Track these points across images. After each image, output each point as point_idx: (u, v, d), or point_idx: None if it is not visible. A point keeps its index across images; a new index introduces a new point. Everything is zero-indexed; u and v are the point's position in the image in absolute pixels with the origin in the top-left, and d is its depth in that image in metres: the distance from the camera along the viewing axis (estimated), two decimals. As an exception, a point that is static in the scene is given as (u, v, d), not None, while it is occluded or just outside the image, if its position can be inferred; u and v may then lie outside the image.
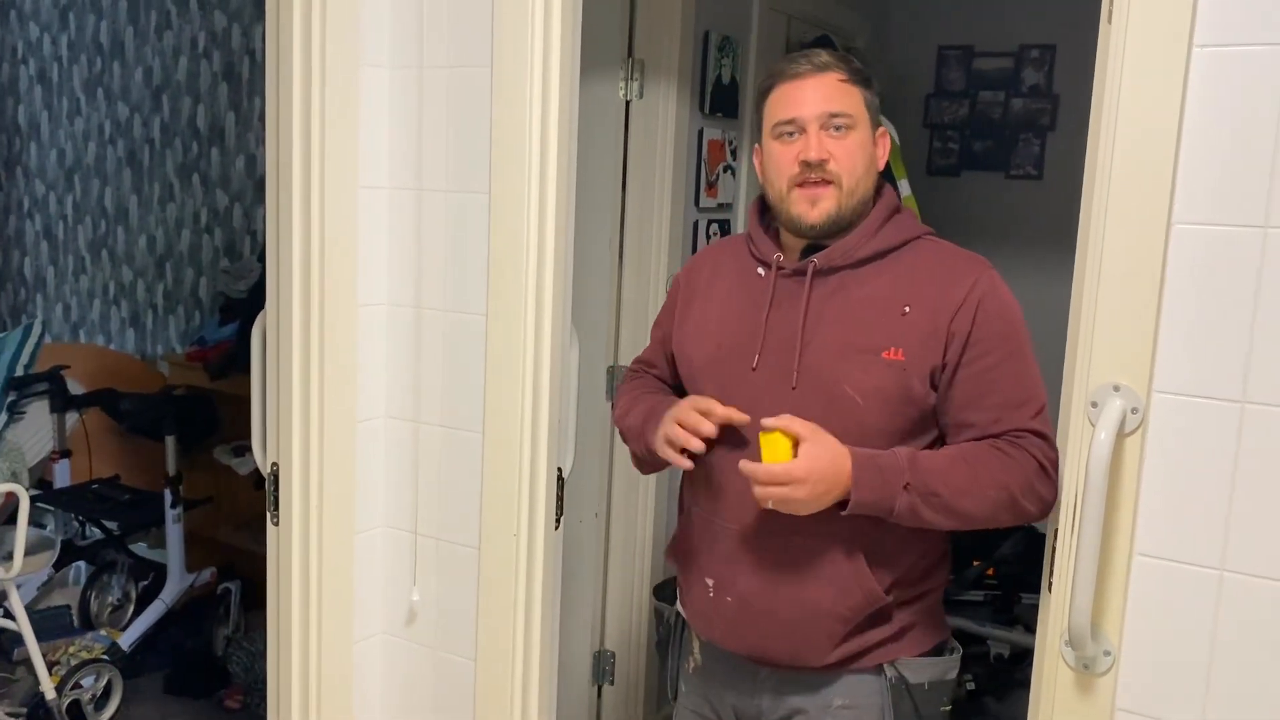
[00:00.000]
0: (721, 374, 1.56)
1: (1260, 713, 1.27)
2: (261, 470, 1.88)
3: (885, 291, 1.49)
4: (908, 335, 1.46)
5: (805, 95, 1.48)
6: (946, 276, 1.48)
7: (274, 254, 1.79)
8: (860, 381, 1.46)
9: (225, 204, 4.22)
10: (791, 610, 1.49)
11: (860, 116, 1.49)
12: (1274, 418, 1.23)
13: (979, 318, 1.45)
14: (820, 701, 1.53)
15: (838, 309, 1.50)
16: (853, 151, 1.48)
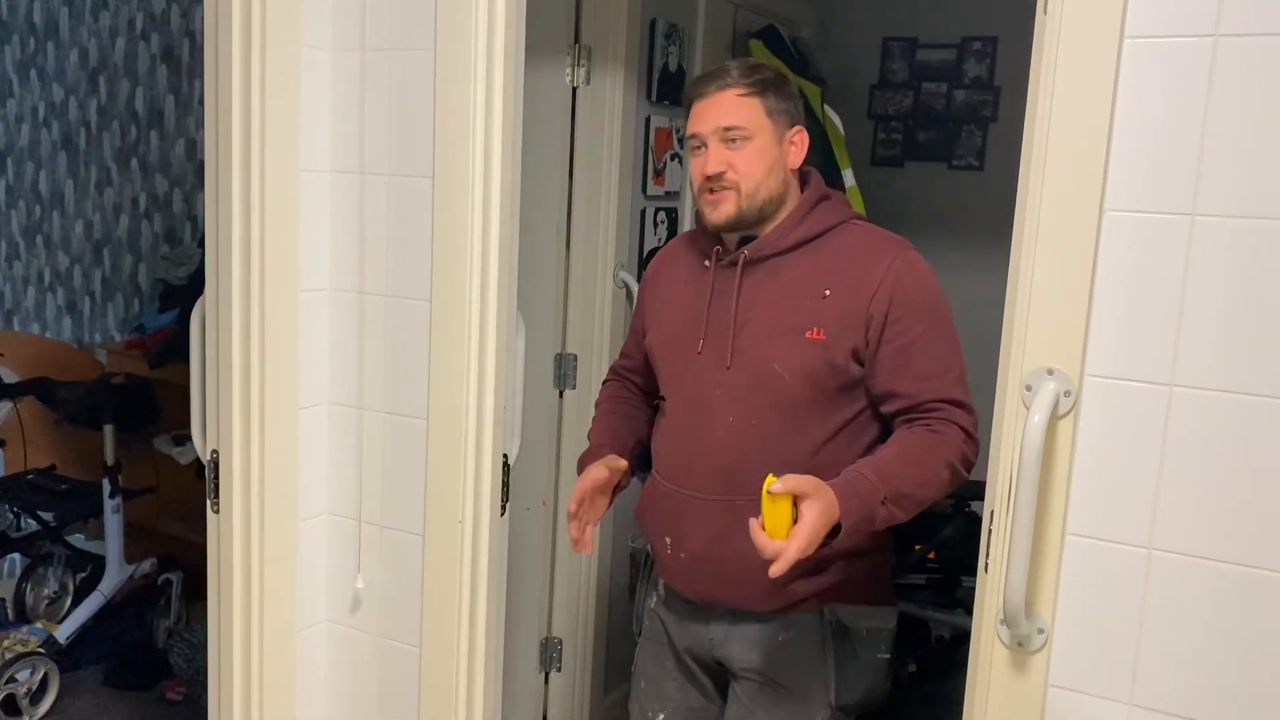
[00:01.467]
0: (672, 358, 1.76)
1: (1186, 686, 1.31)
2: (201, 458, 1.85)
3: (809, 275, 1.64)
4: (828, 316, 1.61)
5: (706, 113, 1.64)
6: (865, 259, 1.63)
7: (213, 238, 1.77)
8: (787, 360, 1.62)
9: (165, 189, 4.14)
10: (735, 564, 1.63)
11: (759, 125, 1.63)
12: (1200, 400, 1.27)
13: (896, 297, 1.59)
14: (765, 635, 1.70)
15: (767, 294, 1.66)
16: (751, 159, 1.62)
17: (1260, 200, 1.22)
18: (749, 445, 1.65)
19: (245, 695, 1.83)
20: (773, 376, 1.63)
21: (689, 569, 1.73)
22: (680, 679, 1.84)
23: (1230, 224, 1.24)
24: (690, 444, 1.70)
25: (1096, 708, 1.37)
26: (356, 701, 1.93)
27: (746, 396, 1.64)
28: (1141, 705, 1.34)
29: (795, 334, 1.62)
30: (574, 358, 2.80)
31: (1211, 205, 1.24)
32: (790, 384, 1.62)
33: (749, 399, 1.64)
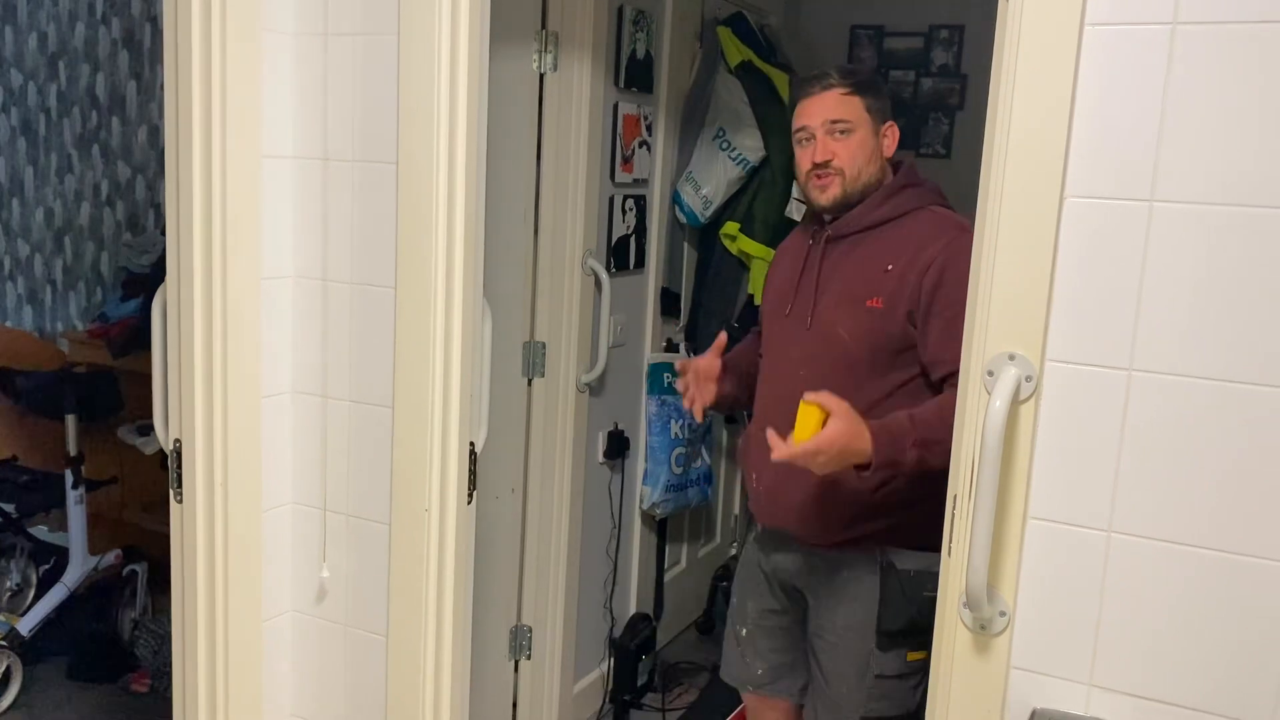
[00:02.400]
0: (770, 319, 2.06)
1: (1144, 667, 1.33)
2: (164, 447, 1.84)
3: (879, 252, 1.87)
4: (887, 288, 1.83)
5: (813, 108, 1.89)
6: (927, 239, 1.83)
7: (174, 225, 1.74)
8: (850, 326, 1.86)
9: (127, 176, 4.08)
10: (797, 495, 1.91)
11: (860, 120, 1.88)
12: (1159, 385, 1.28)
13: (947, 273, 1.77)
14: (830, 570, 1.95)
15: (843, 267, 1.91)
16: (853, 149, 1.88)
17: (1218, 187, 1.23)
18: None
19: (210, 686, 1.82)
20: (837, 339, 1.87)
21: (766, 500, 1.99)
22: (764, 595, 2.10)
23: (1187, 210, 1.25)
24: (773, 392, 1.99)
25: (1057, 689, 1.38)
26: (323, 691, 1.93)
27: (817, 355, 1.89)
28: (1100, 686, 1.36)
29: (858, 303, 1.86)
30: (542, 346, 2.79)
31: (1169, 192, 1.25)
32: (851, 346, 1.86)
33: (819, 357, 1.89)
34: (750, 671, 2.14)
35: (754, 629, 2.12)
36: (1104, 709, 1.36)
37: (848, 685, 1.94)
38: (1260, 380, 1.24)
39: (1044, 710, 1.39)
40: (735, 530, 3.93)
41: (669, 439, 3.17)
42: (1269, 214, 1.21)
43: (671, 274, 3.23)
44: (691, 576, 3.63)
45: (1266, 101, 1.20)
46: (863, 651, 1.91)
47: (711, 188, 3.07)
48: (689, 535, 3.60)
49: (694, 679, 3.23)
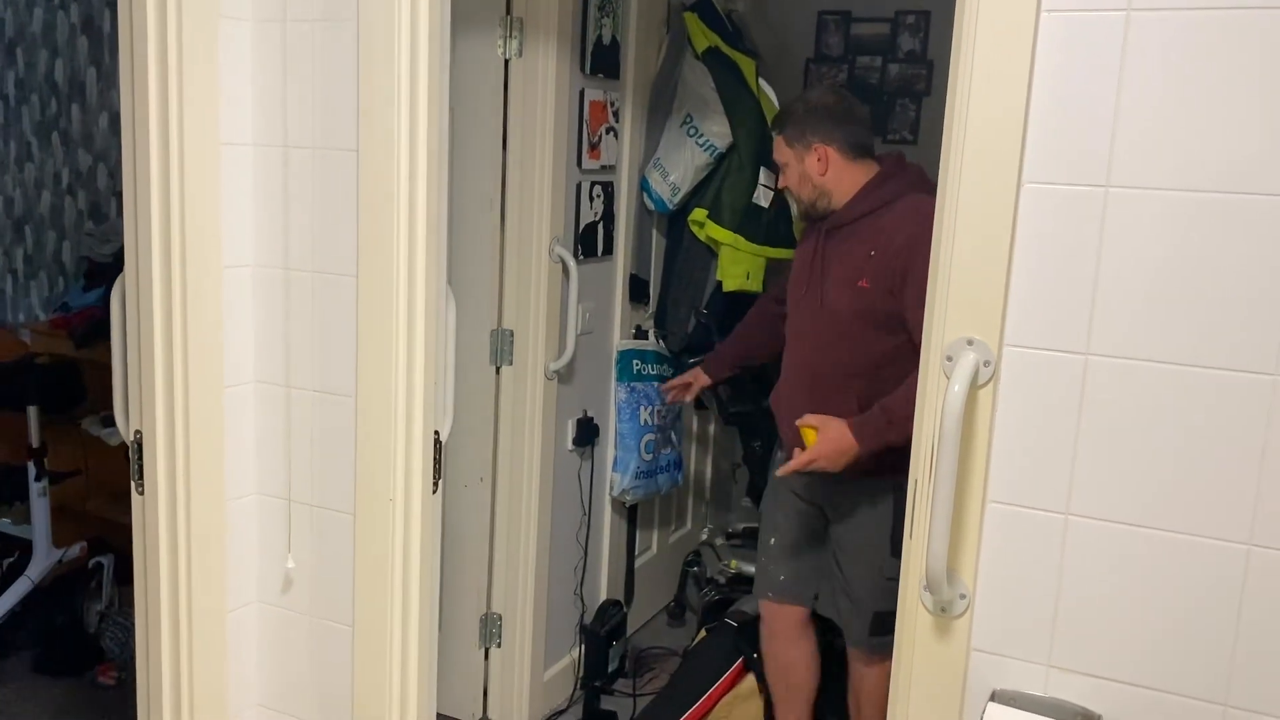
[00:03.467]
0: (791, 299, 2.43)
1: (1101, 647, 1.35)
2: (125, 438, 1.82)
3: (865, 240, 2.23)
4: (871, 270, 2.19)
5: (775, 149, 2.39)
6: (903, 223, 2.16)
7: (131, 214, 1.72)
8: (846, 303, 2.24)
9: (89, 164, 4.03)
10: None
11: (785, 153, 2.34)
12: (1115, 368, 1.30)
13: (914, 245, 2.02)
14: (851, 494, 2.32)
15: (839, 254, 2.28)
16: (792, 179, 2.34)
17: (1173, 173, 1.25)
18: (824, 360, 2.31)
19: (174, 678, 1.81)
20: (838, 314, 2.26)
21: (792, 436, 2.31)
22: (790, 511, 2.48)
23: (1143, 196, 1.26)
24: (793, 360, 2.42)
25: (1016, 670, 1.40)
26: (290, 682, 1.92)
27: (824, 328, 2.30)
28: (1058, 666, 1.38)
29: (852, 285, 2.23)
30: (510, 334, 2.79)
31: (1125, 178, 1.27)
32: (849, 320, 2.24)
33: (825, 329, 2.30)
34: (773, 580, 2.51)
35: (781, 538, 2.50)
36: (1062, 689, 1.38)
37: (865, 587, 2.32)
38: (1215, 364, 1.25)
39: (1004, 691, 1.41)
40: (706, 516, 3.94)
41: (638, 426, 3.17)
42: (1223, 199, 1.23)
43: (640, 261, 3.23)
44: (662, 562, 3.64)
45: (1221, 87, 1.22)
46: (878, 559, 2.28)
47: (679, 174, 3.07)
48: (659, 521, 3.61)
49: (665, 664, 3.24)
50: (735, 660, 2.84)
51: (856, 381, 2.24)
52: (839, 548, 2.38)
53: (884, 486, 2.27)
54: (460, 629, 2.93)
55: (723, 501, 4.06)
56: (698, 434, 3.76)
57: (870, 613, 2.32)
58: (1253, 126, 1.21)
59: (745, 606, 2.99)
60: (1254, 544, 1.26)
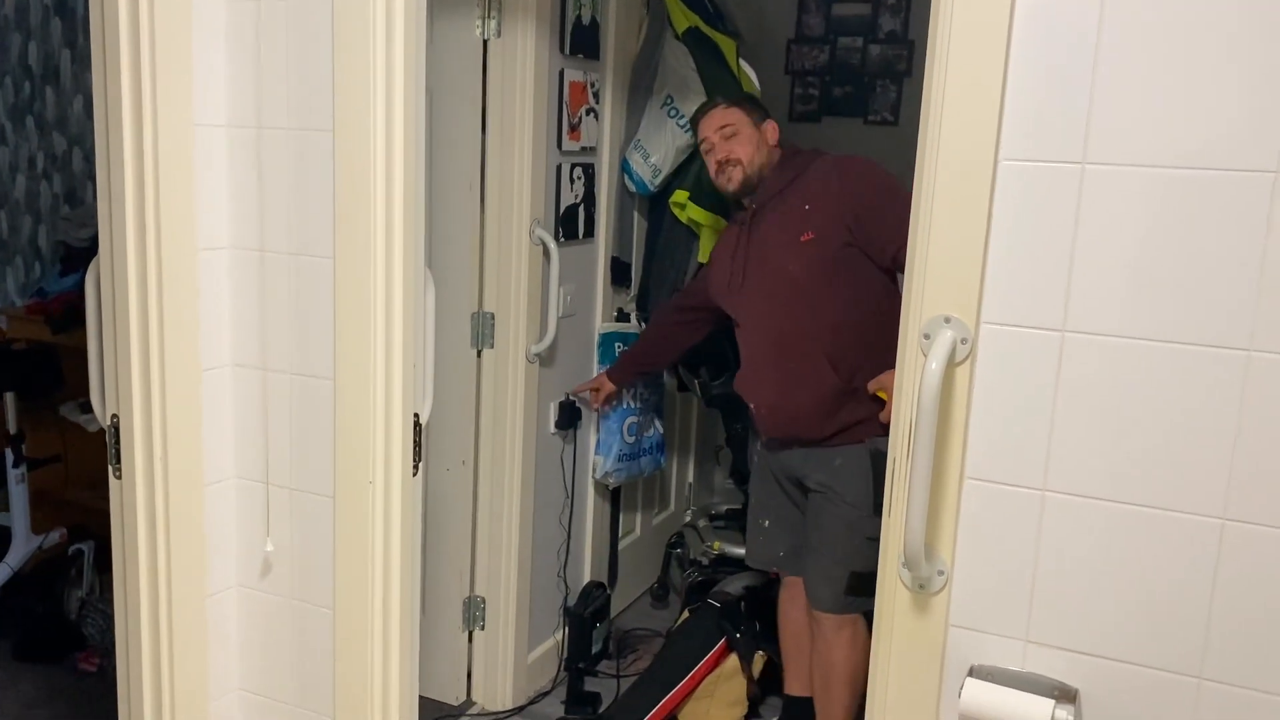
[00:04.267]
0: (724, 292, 2.57)
1: (1077, 622, 1.36)
2: (101, 422, 1.80)
3: (794, 202, 2.41)
4: (813, 221, 2.36)
5: (707, 124, 2.55)
6: (825, 176, 2.39)
7: (105, 197, 1.71)
8: (795, 260, 2.38)
9: (64, 147, 3.99)
10: (792, 408, 2.44)
11: (740, 122, 2.50)
12: (1091, 345, 1.30)
13: (854, 190, 2.34)
14: (827, 460, 2.42)
15: (775, 225, 2.43)
16: (743, 143, 2.48)
17: (1150, 149, 1.25)
18: (785, 329, 2.42)
19: (155, 664, 1.80)
20: (789, 274, 2.39)
21: (768, 419, 2.50)
22: (777, 494, 2.59)
23: (1120, 172, 1.26)
24: (754, 341, 2.50)
25: (994, 645, 1.41)
26: (271, 666, 1.92)
27: (777, 296, 2.42)
28: (1036, 641, 1.39)
29: (795, 242, 2.37)
30: (491, 316, 2.78)
31: (1101, 154, 1.27)
32: (801, 277, 2.37)
33: (779, 297, 2.41)
34: (774, 554, 2.64)
35: (776, 520, 2.61)
36: (1040, 664, 1.39)
37: (843, 547, 2.40)
38: (1190, 340, 1.26)
39: (982, 666, 1.41)
40: (689, 498, 3.95)
41: (621, 408, 3.17)
42: (1200, 175, 1.23)
43: (621, 243, 3.22)
44: (645, 544, 3.65)
45: (1198, 63, 1.22)
46: (857, 520, 2.37)
47: (660, 156, 3.06)
48: (642, 504, 3.61)
49: (649, 645, 3.25)
50: (718, 640, 2.86)
51: (823, 339, 2.36)
52: (818, 511, 2.45)
53: (857, 450, 2.37)
54: (443, 612, 2.93)
55: (706, 483, 4.07)
56: (680, 416, 3.77)
57: (847, 573, 2.39)
58: (1230, 102, 1.21)
59: (728, 587, 3.00)
60: (1228, 518, 1.27)
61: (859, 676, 2.41)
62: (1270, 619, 1.27)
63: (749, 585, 3.00)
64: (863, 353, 2.36)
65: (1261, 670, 1.28)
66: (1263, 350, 1.23)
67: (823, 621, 2.48)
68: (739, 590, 2.98)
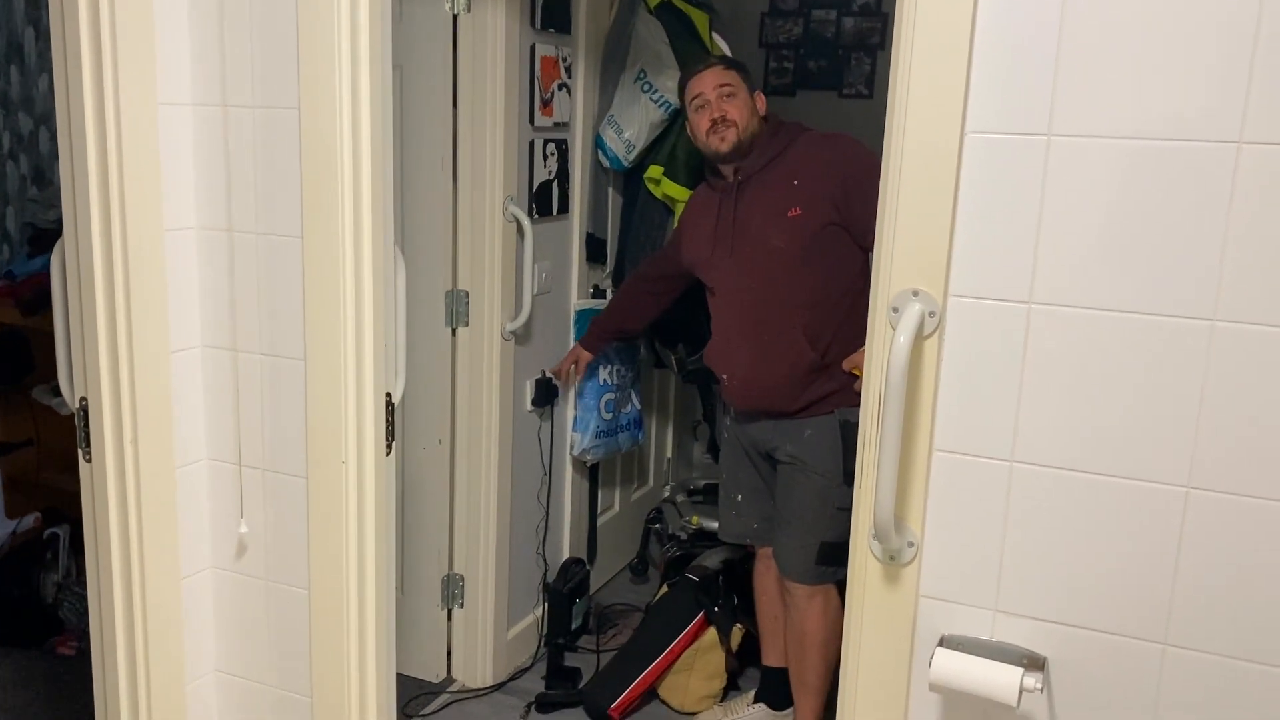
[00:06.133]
0: (701, 262, 2.57)
1: (1045, 591, 1.38)
2: (70, 405, 1.79)
3: (782, 176, 2.40)
4: (800, 197, 2.36)
5: (705, 80, 2.49)
6: (815, 153, 2.41)
7: (69, 177, 1.69)
8: (780, 235, 2.38)
9: (30, 128, 3.93)
10: (766, 381, 2.44)
11: (739, 85, 2.47)
12: (1057, 317, 1.31)
13: (846, 170, 2.33)
14: (797, 432, 2.44)
15: (760, 198, 2.42)
16: (739, 106, 2.44)
17: (1113, 120, 1.25)
18: (766, 302, 2.42)
19: (129, 646, 1.79)
20: (773, 248, 2.39)
21: (739, 391, 2.51)
22: (748, 468, 2.61)
23: (1085, 144, 1.27)
24: (730, 312, 2.50)
25: (964, 615, 1.43)
26: (247, 647, 1.91)
27: (757, 268, 2.41)
28: (1005, 611, 1.40)
29: (781, 216, 2.37)
30: (465, 294, 2.77)
31: (1066, 126, 1.27)
32: (785, 251, 2.38)
33: (759, 269, 2.41)
34: (747, 527, 2.66)
35: (748, 493, 2.63)
36: (1009, 633, 1.41)
37: (814, 516, 2.42)
38: (1154, 310, 1.27)
39: (952, 636, 1.43)
40: (667, 474, 3.96)
41: (598, 385, 3.17)
42: (1165, 146, 1.24)
43: (596, 219, 3.21)
44: (624, 520, 3.66)
45: (1164, 34, 1.22)
46: (825, 490, 2.40)
47: (634, 131, 3.04)
48: (621, 480, 3.62)
49: (628, 620, 3.27)
50: (697, 614, 2.88)
51: (802, 313, 2.37)
52: (788, 483, 2.47)
53: (827, 421, 2.40)
54: (422, 590, 2.93)
55: (684, 459, 4.08)
56: (658, 393, 3.77)
57: (818, 542, 2.42)
58: (1194, 73, 1.21)
59: (706, 561, 3.02)
60: (1192, 486, 1.28)
61: (832, 645, 2.44)
62: (1233, 585, 1.29)
63: (727, 559, 3.02)
64: (838, 329, 2.38)
65: (1224, 636, 1.30)
66: (1226, 320, 1.24)
67: (795, 591, 2.50)
68: (717, 564, 3.00)
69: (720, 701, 2.87)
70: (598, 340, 3.02)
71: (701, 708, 2.84)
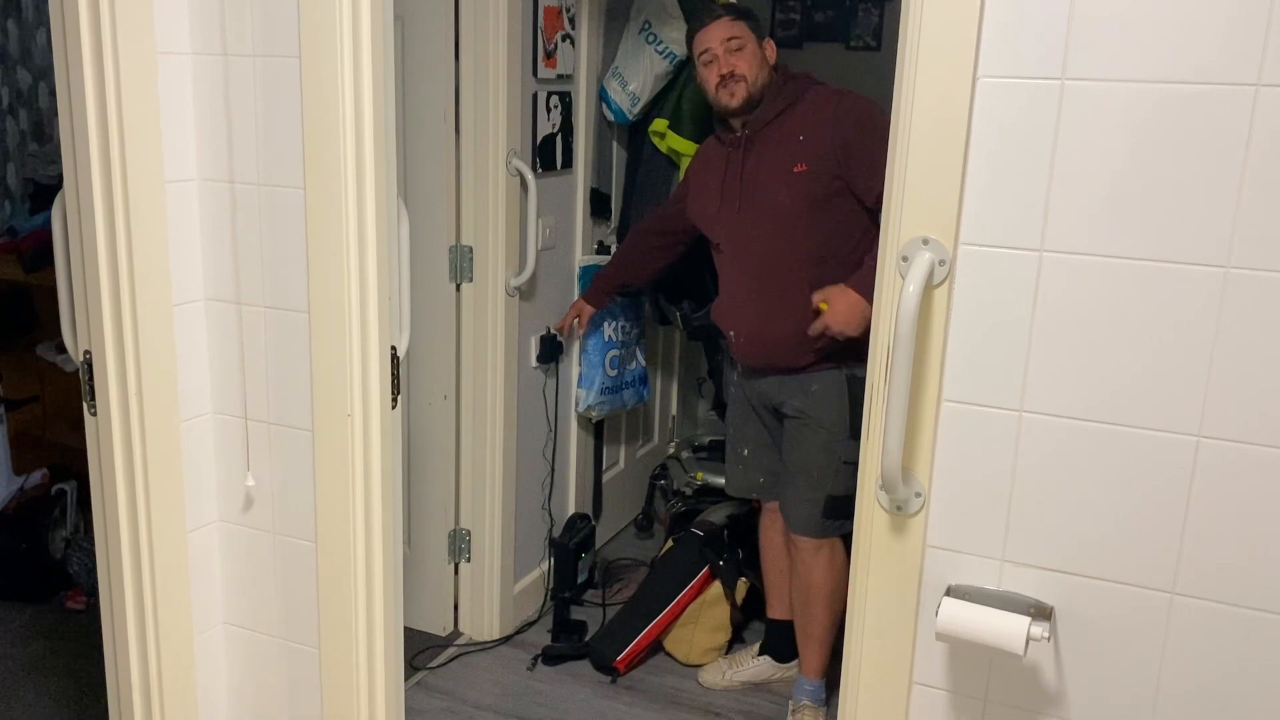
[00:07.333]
0: (707, 217, 2.56)
1: (1053, 541, 1.37)
2: (74, 359, 1.79)
3: (789, 131, 2.38)
4: (806, 153, 2.34)
5: (711, 34, 2.43)
6: (821, 108, 2.36)
7: (68, 129, 1.67)
8: (786, 190, 2.37)
9: (29, 82, 3.89)
10: (772, 337, 2.44)
11: (747, 36, 2.42)
12: (1069, 265, 1.30)
13: (848, 125, 2.31)
14: (803, 387, 2.45)
15: (765, 152, 2.41)
16: (748, 59, 2.40)
17: (1128, 64, 1.23)
18: (772, 257, 2.41)
19: (138, 600, 1.80)
20: (779, 204, 2.38)
21: (746, 346, 2.51)
22: (755, 423, 2.62)
23: (1099, 88, 1.24)
24: (737, 268, 2.48)
25: (971, 565, 1.43)
26: (255, 599, 1.92)
27: (764, 224, 2.40)
28: (1012, 560, 1.40)
29: (787, 172, 2.35)
30: (469, 250, 2.75)
31: (1081, 70, 1.25)
32: (790, 206, 2.37)
33: (766, 225, 2.40)
34: (753, 481, 2.67)
35: (754, 448, 2.63)
36: (1016, 582, 1.41)
37: (820, 471, 2.43)
38: (1169, 258, 1.25)
39: (959, 586, 1.43)
40: (672, 430, 3.96)
41: (603, 341, 3.16)
42: (1180, 90, 1.21)
43: (600, 174, 3.18)
44: (629, 477, 3.67)
45: (1176, -25, 1.19)
46: (831, 444, 2.41)
47: (639, 83, 3.00)
48: (626, 436, 3.63)
49: (633, 574, 3.29)
50: (702, 568, 2.89)
51: (808, 269, 2.37)
52: (795, 437, 2.48)
53: (833, 376, 2.41)
54: (429, 545, 2.94)
55: (689, 415, 4.08)
56: (663, 349, 3.76)
57: (824, 496, 2.44)
58: (1210, 15, 1.19)
59: (711, 516, 3.03)
60: (1203, 435, 1.28)
61: (837, 598, 2.45)
62: (1242, 534, 1.28)
63: (732, 514, 3.02)
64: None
65: (1233, 584, 1.30)
66: (1240, 267, 1.22)
67: (800, 545, 2.51)
68: (722, 519, 3.01)
69: (725, 654, 2.89)
70: (600, 294, 3.00)
71: (706, 660, 2.86)
